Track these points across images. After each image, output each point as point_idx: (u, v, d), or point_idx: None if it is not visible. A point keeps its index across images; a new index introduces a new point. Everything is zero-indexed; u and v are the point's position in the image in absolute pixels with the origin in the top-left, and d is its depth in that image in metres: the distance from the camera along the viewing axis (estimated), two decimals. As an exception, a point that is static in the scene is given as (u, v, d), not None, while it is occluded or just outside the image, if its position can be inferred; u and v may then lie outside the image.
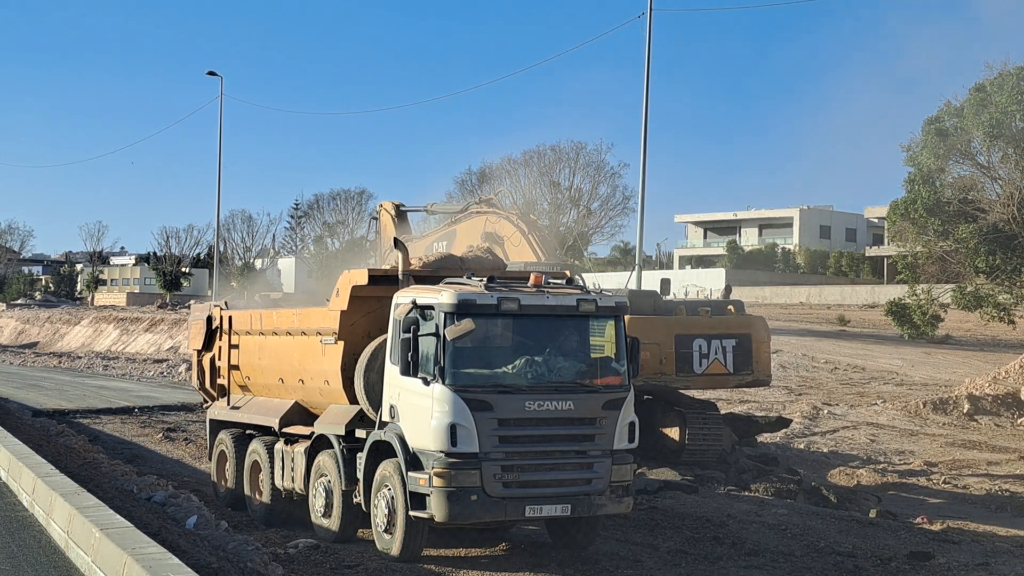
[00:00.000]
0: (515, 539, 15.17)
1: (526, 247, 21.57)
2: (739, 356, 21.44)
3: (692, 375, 21.27)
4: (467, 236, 23.07)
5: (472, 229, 23.25)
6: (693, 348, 21.05)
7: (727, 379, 21.95)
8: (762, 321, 22.46)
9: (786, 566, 14.51)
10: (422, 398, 13.14)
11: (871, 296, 72.86)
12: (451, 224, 24.37)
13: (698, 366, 21.10)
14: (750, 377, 21.91)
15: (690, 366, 21.07)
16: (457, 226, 24.01)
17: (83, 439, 24.35)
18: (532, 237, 21.65)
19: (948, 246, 42.22)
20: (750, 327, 21.89)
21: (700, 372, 21.19)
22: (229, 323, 18.17)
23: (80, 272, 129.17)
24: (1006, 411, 31.62)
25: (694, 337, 21.10)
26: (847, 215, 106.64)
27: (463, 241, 22.99)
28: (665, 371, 20.90)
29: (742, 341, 21.50)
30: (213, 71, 66.77)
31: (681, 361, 20.97)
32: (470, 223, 23.54)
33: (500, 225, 22.42)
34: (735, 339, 21.43)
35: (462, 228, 23.80)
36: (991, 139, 41.00)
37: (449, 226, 24.44)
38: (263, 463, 16.84)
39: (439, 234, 24.73)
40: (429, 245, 23.99)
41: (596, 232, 78.67)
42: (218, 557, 12.33)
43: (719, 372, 21.41)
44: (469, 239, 22.68)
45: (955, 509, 20.64)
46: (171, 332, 62.79)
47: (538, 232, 22.47)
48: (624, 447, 13.73)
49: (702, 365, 21.14)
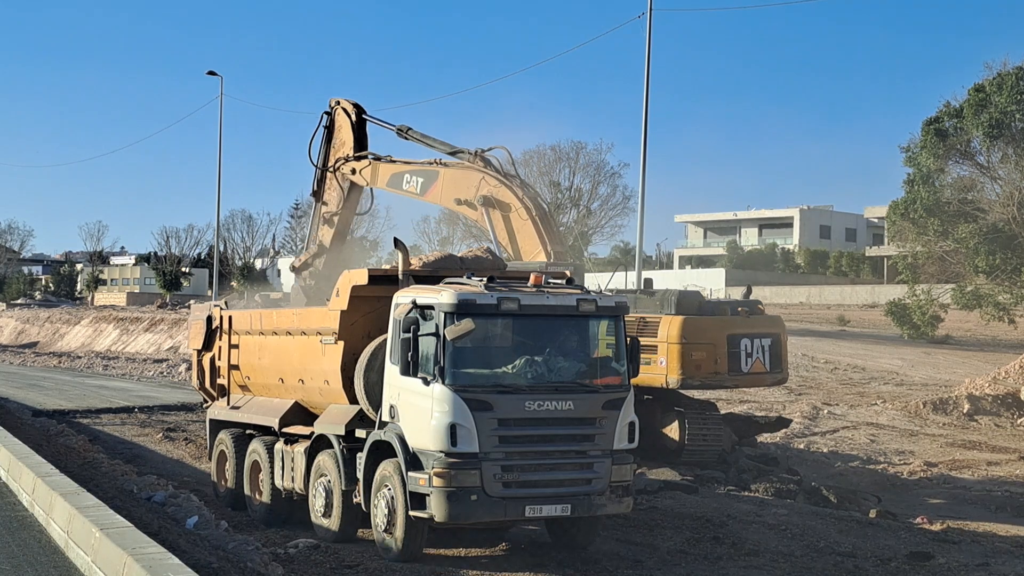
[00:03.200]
0: (515, 539, 15.16)
1: (530, 229, 20.06)
2: (773, 355, 21.60)
3: (740, 375, 21.33)
4: (454, 186, 21.31)
5: (462, 181, 21.23)
6: (741, 348, 21.08)
7: (764, 378, 22.09)
8: (783, 320, 22.88)
9: (786, 566, 14.51)
10: (422, 398, 13.14)
11: (871, 296, 72.88)
12: (436, 164, 21.85)
13: (744, 366, 21.15)
14: (780, 375, 22.10)
15: (739, 366, 21.09)
16: (444, 170, 21.64)
17: (83, 439, 24.34)
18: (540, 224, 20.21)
19: (948, 246, 42.24)
20: (779, 326, 22.19)
21: (746, 372, 21.28)
22: (229, 323, 18.17)
23: (80, 272, 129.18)
24: (1006, 411, 31.61)
25: (741, 337, 21.16)
26: (847, 215, 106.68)
27: (447, 190, 21.42)
28: (720, 371, 20.90)
29: (775, 340, 21.69)
30: (213, 71, 66.93)
31: (732, 361, 21.00)
32: (462, 173, 21.33)
33: (501, 191, 20.62)
34: (770, 338, 21.60)
35: (449, 174, 21.53)
36: (990, 139, 41.02)
37: (433, 165, 21.92)
38: (263, 463, 16.84)
39: (418, 167, 22.12)
40: (399, 174, 22.12)
41: (596, 232, 78.82)
42: (218, 557, 12.33)
43: (760, 371, 21.52)
44: (456, 191, 21.21)
45: (955, 509, 20.63)
46: (171, 332, 62.76)
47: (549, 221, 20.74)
48: (624, 447, 13.73)
49: (747, 365, 21.20)
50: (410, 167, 22.21)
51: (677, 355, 20.51)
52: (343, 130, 22.88)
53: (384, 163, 22.49)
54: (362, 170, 22.68)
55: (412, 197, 22.47)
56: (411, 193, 22.15)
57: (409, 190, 22.08)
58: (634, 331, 20.30)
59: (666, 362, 20.51)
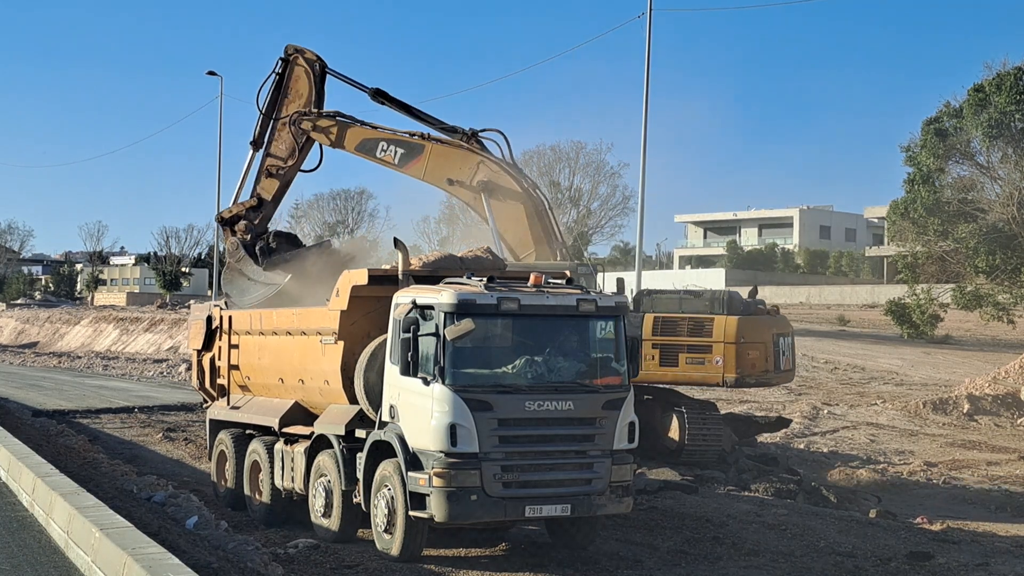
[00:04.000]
0: (515, 539, 15.16)
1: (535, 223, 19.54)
2: (793, 353, 22.61)
3: (780, 372, 21.98)
4: (444, 163, 20.09)
5: (456, 160, 20.10)
6: (779, 346, 21.69)
7: (789, 375, 23.00)
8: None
9: (786, 566, 14.51)
10: (422, 398, 13.14)
11: (871, 296, 72.88)
12: (423, 138, 20.48)
13: (780, 364, 21.77)
14: (793, 372, 23.13)
15: (778, 365, 21.66)
16: (432, 144, 20.34)
17: (83, 439, 24.33)
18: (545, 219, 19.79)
19: (948, 246, 42.28)
20: (791, 326, 23.14)
21: (782, 370, 21.98)
22: (229, 323, 18.17)
23: (80, 272, 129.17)
24: (1006, 411, 31.62)
25: (780, 336, 21.81)
26: (847, 215, 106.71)
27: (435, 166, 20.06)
28: (769, 368, 21.40)
29: (792, 338, 22.72)
30: (213, 71, 66.96)
31: (776, 359, 21.58)
32: (456, 151, 20.19)
33: (503, 179, 20.03)
34: (790, 337, 22.52)
35: (438, 150, 20.29)
36: (990, 139, 41.05)
37: (418, 139, 20.50)
38: (263, 463, 16.84)
39: (398, 137, 20.54)
40: (373, 140, 20.54)
41: (596, 232, 78.75)
42: (218, 557, 12.33)
43: (788, 369, 22.36)
44: (447, 168, 20.05)
45: (955, 509, 20.64)
46: (171, 332, 62.75)
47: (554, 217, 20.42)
48: (624, 447, 13.73)
49: (782, 363, 21.82)
50: (387, 135, 20.70)
51: (734, 354, 21.00)
52: (300, 81, 21.14)
53: (356, 127, 20.83)
54: (327, 127, 21.06)
55: (385, 166, 20.99)
56: (385, 162, 20.77)
57: (384, 159, 20.72)
58: (685, 331, 21.21)
59: (722, 361, 21.02)
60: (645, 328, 21.28)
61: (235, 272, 20.65)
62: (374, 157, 20.83)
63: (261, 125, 21.46)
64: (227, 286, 20.73)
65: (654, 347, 21.31)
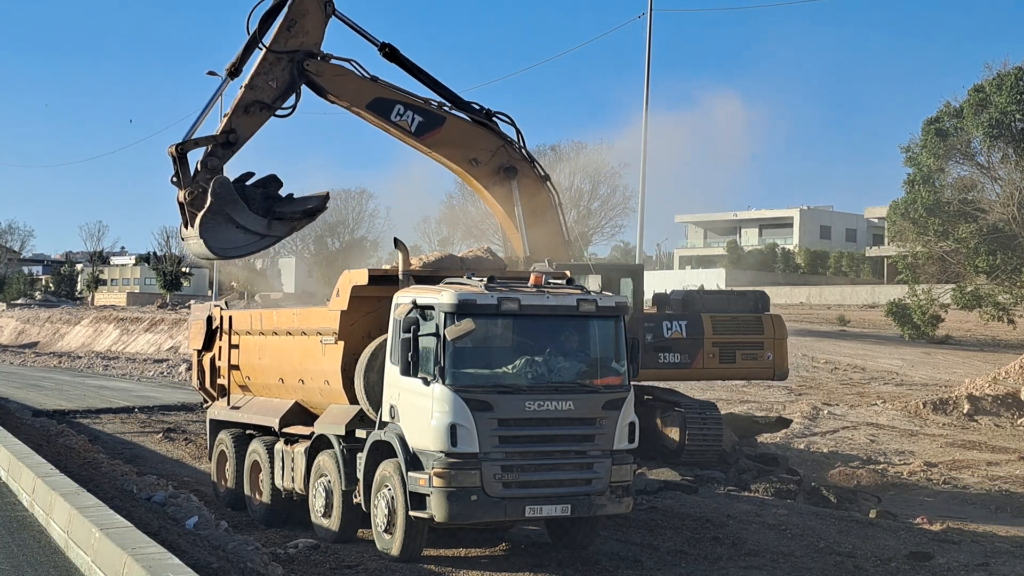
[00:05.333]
0: (515, 539, 15.17)
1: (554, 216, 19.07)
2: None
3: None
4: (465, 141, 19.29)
5: (476, 139, 19.29)
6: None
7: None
8: None
9: (786, 566, 14.51)
10: (422, 398, 13.15)
11: (871, 296, 72.83)
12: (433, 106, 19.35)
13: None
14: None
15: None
16: (453, 118, 19.37)
17: (83, 439, 24.32)
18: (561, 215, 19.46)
19: (948, 246, 42.29)
20: None
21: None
22: (229, 323, 18.17)
23: (80, 272, 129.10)
24: (1006, 411, 31.59)
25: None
26: (847, 215, 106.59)
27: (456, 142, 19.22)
28: (787, 363, 23.00)
29: None
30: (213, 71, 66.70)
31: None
32: (477, 130, 19.34)
33: (523, 167, 19.54)
34: None
35: (460, 124, 19.35)
36: (991, 139, 41.06)
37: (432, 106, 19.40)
38: (263, 463, 16.84)
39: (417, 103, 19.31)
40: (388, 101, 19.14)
41: (596, 232, 78.65)
42: (218, 557, 12.33)
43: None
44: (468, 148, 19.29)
45: (955, 509, 20.63)
46: (171, 332, 62.75)
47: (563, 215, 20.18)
48: (624, 447, 13.73)
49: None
50: (406, 98, 19.17)
51: (784, 349, 22.56)
52: (309, 17, 18.85)
53: (370, 82, 19.07)
54: (335, 75, 19.15)
55: (396, 135, 19.49)
56: (399, 129, 19.24)
57: (400, 124, 19.16)
58: (732, 330, 22.17)
59: (773, 356, 22.45)
60: (705, 328, 22.11)
61: (221, 218, 18.17)
62: (387, 121, 19.23)
63: (244, 52, 19.30)
64: (207, 234, 18.06)
65: (714, 345, 22.21)
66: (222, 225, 17.98)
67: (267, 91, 18.92)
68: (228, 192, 18.18)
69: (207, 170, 18.52)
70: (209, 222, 17.98)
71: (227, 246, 17.88)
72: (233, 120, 18.92)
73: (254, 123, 19.04)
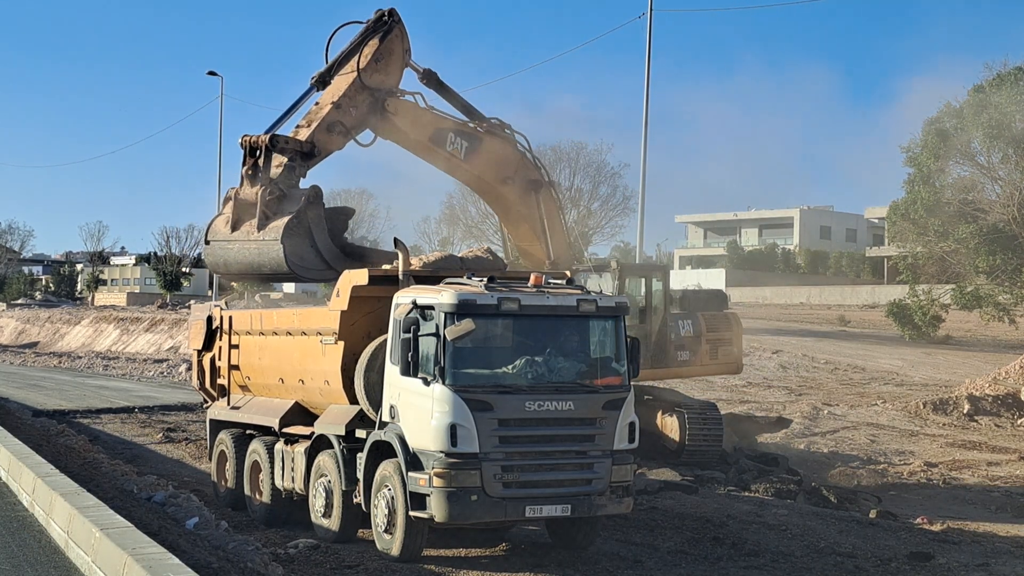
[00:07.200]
0: (515, 539, 15.17)
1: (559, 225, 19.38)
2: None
3: None
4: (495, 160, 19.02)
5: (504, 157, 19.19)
6: None
7: None
8: None
9: (786, 567, 14.51)
10: (422, 398, 13.15)
11: (871, 296, 72.85)
12: (474, 128, 19.11)
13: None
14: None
15: None
16: (487, 136, 19.12)
17: (83, 439, 24.32)
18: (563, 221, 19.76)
19: (948, 246, 42.29)
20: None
21: None
22: (229, 323, 18.17)
23: (80, 272, 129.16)
24: (1006, 411, 31.56)
25: None
26: (847, 215, 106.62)
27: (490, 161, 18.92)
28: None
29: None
30: (213, 71, 66.95)
31: None
32: (503, 146, 19.25)
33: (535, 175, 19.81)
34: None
35: (492, 143, 19.08)
36: (991, 140, 41.06)
37: (474, 128, 19.14)
38: (263, 463, 16.84)
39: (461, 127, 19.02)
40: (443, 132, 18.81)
41: (596, 232, 78.59)
42: (218, 557, 12.33)
43: None
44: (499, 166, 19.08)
45: (955, 509, 20.63)
46: (171, 332, 62.74)
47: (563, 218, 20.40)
48: (624, 447, 13.73)
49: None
50: (452, 124, 18.94)
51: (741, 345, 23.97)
52: (393, 58, 18.51)
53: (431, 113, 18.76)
54: (410, 112, 18.74)
55: (447, 164, 19.27)
56: (451, 157, 19.04)
57: (452, 152, 18.96)
58: (716, 327, 22.97)
59: (736, 352, 23.52)
60: (702, 326, 22.93)
61: (303, 231, 16.90)
62: (444, 150, 18.94)
63: (335, 66, 18.60)
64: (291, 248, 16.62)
65: (707, 343, 23.12)
66: (302, 239, 16.83)
67: (348, 116, 18.41)
68: (321, 207, 17.15)
69: (292, 174, 17.40)
70: (294, 230, 16.74)
71: (301, 263, 16.74)
72: (316, 134, 18.03)
73: (333, 143, 18.38)
